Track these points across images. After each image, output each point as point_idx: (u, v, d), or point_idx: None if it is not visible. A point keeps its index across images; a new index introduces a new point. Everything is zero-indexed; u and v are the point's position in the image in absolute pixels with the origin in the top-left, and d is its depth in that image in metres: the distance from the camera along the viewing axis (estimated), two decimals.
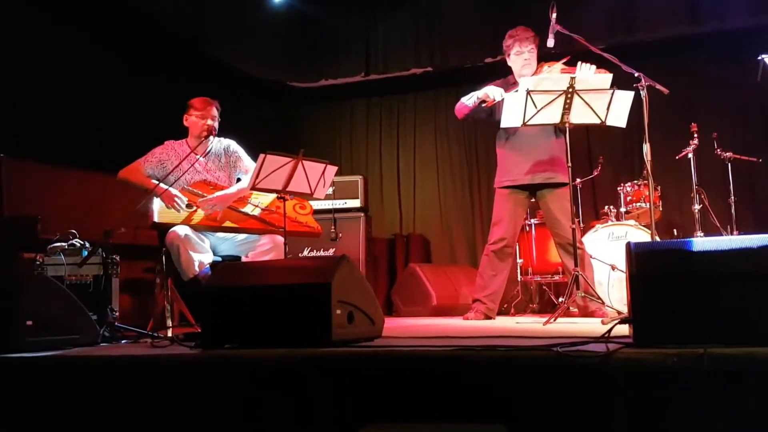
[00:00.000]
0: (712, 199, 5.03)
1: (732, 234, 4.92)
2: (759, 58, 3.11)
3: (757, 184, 5.79)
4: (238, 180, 3.91)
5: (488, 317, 4.18)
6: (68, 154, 4.56)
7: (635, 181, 5.21)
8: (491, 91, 4.00)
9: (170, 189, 3.55)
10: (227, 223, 3.67)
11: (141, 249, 3.89)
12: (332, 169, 3.68)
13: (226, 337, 2.37)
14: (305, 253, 5.55)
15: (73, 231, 3.45)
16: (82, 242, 3.40)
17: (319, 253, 5.54)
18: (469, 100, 4.13)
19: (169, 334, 3.29)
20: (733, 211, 5.04)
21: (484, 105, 4.04)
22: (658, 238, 3.89)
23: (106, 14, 5.11)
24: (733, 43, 5.62)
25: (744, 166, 5.16)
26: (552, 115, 3.63)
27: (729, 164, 5.08)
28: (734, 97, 5.87)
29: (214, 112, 3.79)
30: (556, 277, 5.36)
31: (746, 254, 1.87)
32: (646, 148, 3.63)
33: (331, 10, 6.60)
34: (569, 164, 3.78)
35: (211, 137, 3.78)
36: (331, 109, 7.51)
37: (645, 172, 3.78)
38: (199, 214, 3.62)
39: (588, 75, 3.71)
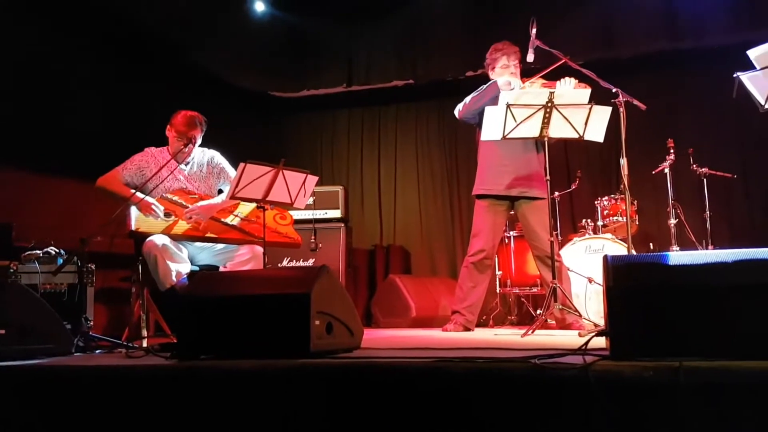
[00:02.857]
0: (687, 214, 5.10)
1: (707, 248, 4.99)
2: (735, 75, 3.17)
3: (732, 200, 5.88)
4: (220, 191, 3.87)
5: (467, 329, 4.19)
6: (45, 160, 4.50)
7: (612, 195, 5.28)
8: (513, 81, 4.03)
9: (147, 198, 3.50)
10: (206, 233, 3.64)
11: (117, 258, 3.85)
12: (313, 179, 3.67)
13: (202, 348, 2.34)
14: (285, 263, 5.53)
15: (49, 239, 3.41)
16: (57, 250, 3.36)
17: (298, 264, 5.52)
18: (482, 92, 4.11)
19: (145, 344, 3.25)
20: (708, 225, 5.12)
21: (507, 88, 4.02)
22: (634, 252, 3.93)
23: (90, 20, 5.07)
24: (710, 60, 5.72)
25: (719, 182, 5.25)
26: (531, 129, 3.67)
27: (705, 179, 5.16)
28: (710, 114, 5.97)
29: (195, 135, 3.72)
30: (535, 290, 5.39)
31: (721, 268, 1.90)
32: (624, 162, 3.68)
33: (314, 21, 6.61)
34: (548, 177, 3.82)
35: (191, 145, 3.75)
36: (312, 120, 7.51)
37: (622, 186, 3.84)
38: (180, 224, 3.58)
39: (567, 89, 3.76)
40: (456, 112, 4.31)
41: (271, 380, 2.04)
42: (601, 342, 2.06)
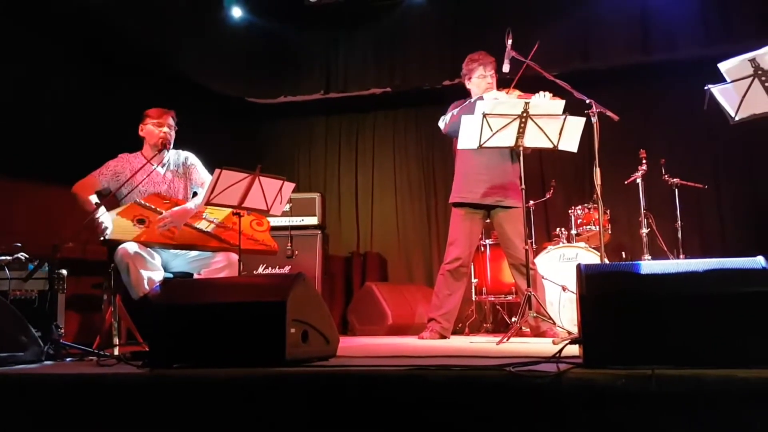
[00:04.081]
0: (659, 224, 5.18)
1: (678, 258, 5.06)
2: (706, 87, 3.24)
3: (703, 210, 5.99)
4: (194, 194, 3.84)
5: (443, 336, 4.21)
6: (16, 165, 4.42)
7: (586, 205, 5.34)
8: (501, 97, 4.08)
9: (101, 218, 3.42)
10: (180, 240, 3.59)
11: (89, 264, 3.79)
12: (289, 186, 3.66)
13: (175, 357, 2.31)
14: (260, 270, 5.49)
15: (19, 244, 3.35)
16: (27, 256, 3.30)
17: (274, 271, 5.49)
18: (469, 105, 4.14)
19: (116, 352, 3.20)
20: (679, 235, 5.20)
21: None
22: (607, 260, 3.98)
23: (66, 25, 5.00)
24: (682, 73, 5.83)
25: (691, 192, 5.34)
26: (507, 139, 3.71)
27: (676, 190, 5.25)
28: (682, 125, 6.08)
29: (170, 121, 3.73)
30: (510, 297, 5.43)
31: (692, 278, 1.93)
32: (597, 172, 3.74)
33: (292, 28, 6.61)
34: (523, 187, 3.86)
35: (166, 150, 3.72)
36: (290, 126, 7.50)
37: (595, 195, 3.89)
38: (153, 231, 3.53)
39: (542, 101, 3.81)
40: (441, 124, 4.33)
41: (246, 389, 2.03)
42: (574, 350, 2.08)
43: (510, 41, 3.93)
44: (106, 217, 3.43)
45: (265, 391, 2.01)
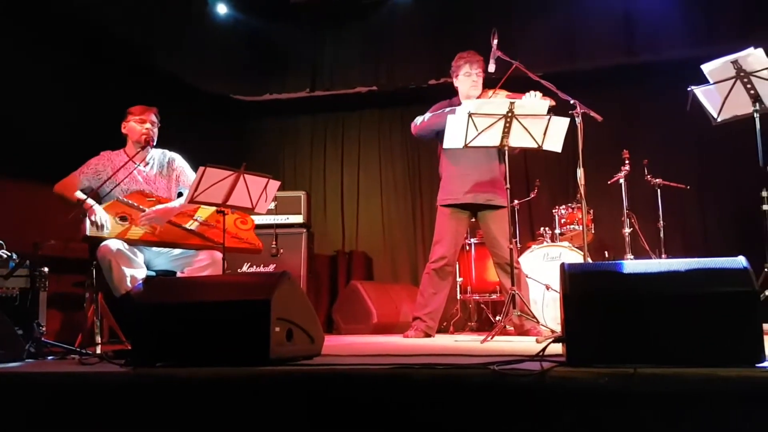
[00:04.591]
0: (642, 223, 5.22)
1: (660, 257, 5.11)
2: (689, 89, 3.28)
3: (685, 210, 6.05)
4: (180, 195, 3.80)
5: (428, 335, 4.21)
6: None
7: (569, 204, 5.38)
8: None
9: (95, 207, 3.41)
10: (163, 237, 3.56)
11: (71, 262, 3.74)
12: (275, 184, 3.64)
13: (158, 355, 2.30)
14: (245, 268, 5.47)
15: (0, 242, 3.31)
16: (8, 253, 3.25)
17: (259, 269, 5.47)
18: (445, 114, 4.13)
19: (98, 351, 3.17)
20: (662, 234, 5.25)
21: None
22: (590, 260, 4.01)
23: (51, 23, 4.94)
24: (666, 74, 5.88)
25: (673, 192, 5.39)
26: (492, 138, 3.72)
27: (658, 190, 5.30)
28: (665, 126, 6.13)
29: (153, 118, 3.70)
30: (494, 296, 5.45)
31: (674, 277, 1.95)
32: (580, 172, 3.76)
33: (278, 26, 6.58)
34: (508, 186, 3.87)
35: (149, 148, 3.69)
36: (275, 124, 7.47)
37: (579, 195, 3.92)
38: (136, 228, 3.50)
39: (530, 101, 3.82)
40: (412, 127, 4.34)
41: (229, 388, 2.02)
42: (557, 348, 2.10)
43: (496, 41, 3.94)
44: (102, 214, 3.41)
45: (250, 391, 2.00)
